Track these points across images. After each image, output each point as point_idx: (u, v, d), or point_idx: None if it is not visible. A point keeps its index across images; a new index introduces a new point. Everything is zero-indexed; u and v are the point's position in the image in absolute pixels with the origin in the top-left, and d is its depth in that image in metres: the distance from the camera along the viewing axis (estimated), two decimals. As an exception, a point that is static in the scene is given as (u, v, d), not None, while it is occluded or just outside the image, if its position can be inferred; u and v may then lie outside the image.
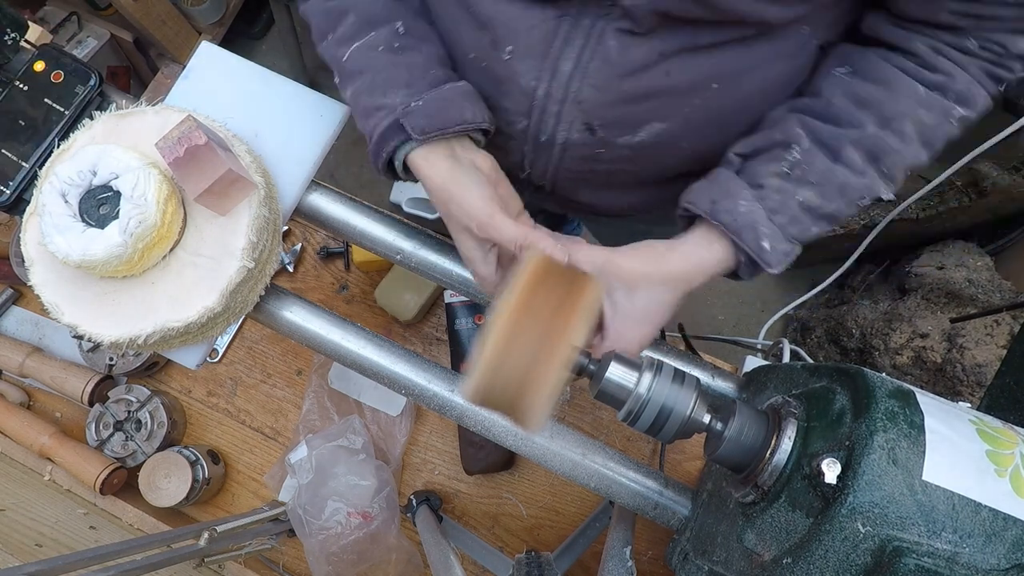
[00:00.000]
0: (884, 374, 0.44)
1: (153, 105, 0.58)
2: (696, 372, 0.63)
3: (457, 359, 0.95)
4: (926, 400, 0.42)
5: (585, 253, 0.49)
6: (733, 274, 0.52)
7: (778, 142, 0.50)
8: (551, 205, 0.70)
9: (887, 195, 0.51)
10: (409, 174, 0.55)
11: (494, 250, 0.53)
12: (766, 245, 0.48)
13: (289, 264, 1.03)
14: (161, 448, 0.93)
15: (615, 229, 0.94)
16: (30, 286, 0.54)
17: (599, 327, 0.52)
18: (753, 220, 0.48)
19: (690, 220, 0.53)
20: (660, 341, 0.65)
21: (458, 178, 0.51)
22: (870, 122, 0.48)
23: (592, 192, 0.64)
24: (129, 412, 0.94)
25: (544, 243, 0.48)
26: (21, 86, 0.60)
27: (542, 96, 0.53)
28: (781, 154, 0.49)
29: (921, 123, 0.49)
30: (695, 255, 0.50)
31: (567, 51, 0.50)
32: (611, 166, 0.58)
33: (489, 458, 0.92)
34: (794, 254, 0.50)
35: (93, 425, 0.93)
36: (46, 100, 0.60)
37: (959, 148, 1.08)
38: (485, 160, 0.54)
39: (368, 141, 0.55)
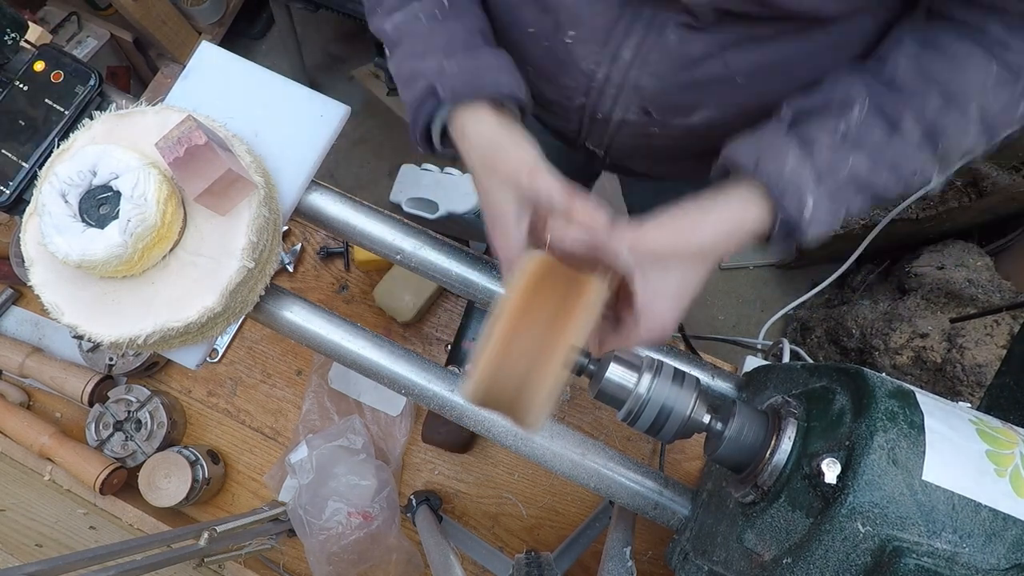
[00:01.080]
0: (884, 374, 0.44)
1: (153, 105, 0.58)
2: (696, 372, 0.63)
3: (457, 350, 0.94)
4: (926, 400, 0.42)
5: (617, 236, 0.46)
6: (763, 239, 0.49)
7: (837, 101, 0.46)
8: (604, 168, 0.72)
9: (936, 181, 0.47)
10: (446, 145, 0.54)
11: (527, 214, 0.50)
12: (807, 212, 0.45)
13: (289, 264, 1.03)
14: (161, 448, 0.93)
15: (644, 186, 0.95)
16: (30, 286, 0.54)
17: (627, 307, 0.49)
18: (799, 182, 0.44)
19: (726, 173, 0.50)
20: (660, 341, 0.65)
21: (509, 131, 0.50)
22: (934, 96, 0.45)
23: (644, 161, 0.66)
24: (129, 412, 0.94)
25: (583, 204, 0.46)
26: (21, 86, 0.60)
27: (601, 79, 0.54)
28: (838, 114, 0.46)
29: (986, 106, 0.45)
30: (729, 220, 0.47)
31: (628, 40, 0.51)
32: (664, 142, 0.59)
33: (450, 436, 0.93)
34: (834, 226, 0.46)
35: (93, 425, 0.93)
36: (46, 100, 0.60)
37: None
38: (528, 135, 0.52)
39: (407, 113, 0.54)
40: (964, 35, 0.46)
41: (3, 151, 0.59)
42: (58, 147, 0.56)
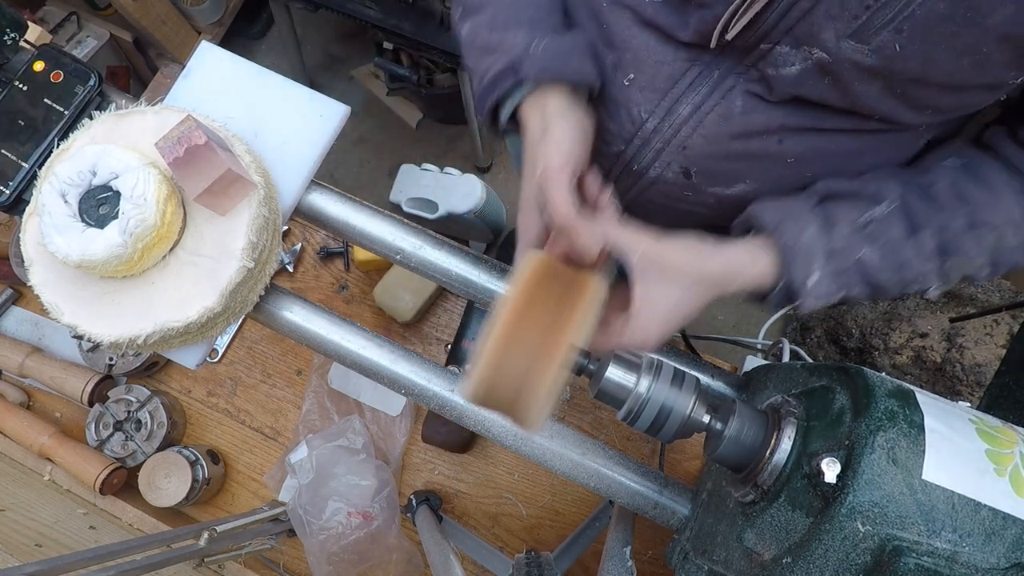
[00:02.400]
0: (884, 374, 0.44)
1: (153, 105, 0.58)
2: (696, 372, 0.63)
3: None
4: (926, 400, 0.42)
5: (625, 237, 0.47)
6: (760, 297, 0.51)
7: (868, 194, 0.49)
8: None
9: (934, 293, 0.50)
10: (511, 125, 0.54)
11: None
12: (810, 282, 0.47)
13: (289, 264, 1.03)
14: (161, 448, 0.93)
15: None
16: (30, 286, 0.54)
17: (617, 309, 0.50)
18: (810, 253, 0.46)
19: (745, 230, 0.52)
20: (660, 341, 0.65)
21: (565, 119, 0.50)
22: (961, 217, 0.47)
23: (661, 223, 0.63)
24: (129, 412, 0.94)
25: (582, 232, 0.46)
26: (21, 86, 0.60)
27: (649, 130, 0.53)
28: (865, 206, 0.48)
29: (1002, 241, 0.48)
30: (738, 262, 0.48)
31: (689, 95, 0.50)
32: (693, 208, 0.58)
33: (450, 436, 0.93)
34: (832, 300, 0.48)
35: (93, 425, 0.93)
36: (46, 100, 0.60)
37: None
38: (590, 121, 0.52)
39: (476, 82, 0.53)
40: (1004, 171, 0.49)
41: (3, 151, 0.59)
42: (58, 147, 0.56)
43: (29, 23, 0.64)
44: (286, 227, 1.05)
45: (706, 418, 0.46)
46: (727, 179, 0.54)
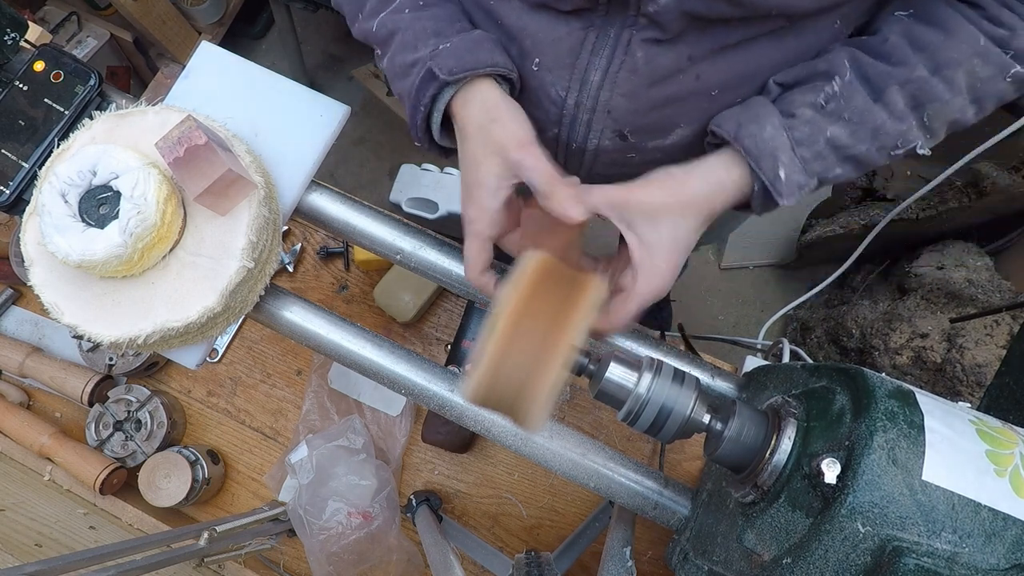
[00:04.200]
0: (884, 374, 0.44)
1: (153, 105, 0.58)
2: (696, 372, 0.63)
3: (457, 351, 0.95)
4: (926, 400, 0.42)
5: (600, 195, 0.48)
6: (746, 206, 0.51)
7: (820, 72, 0.48)
8: None
9: (924, 148, 0.49)
10: (446, 135, 0.54)
11: (507, 187, 0.51)
12: (782, 175, 0.46)
13: (289, 264, 1.03)
14: (161, 448, 0.93)
15: None
16: (30, 286, 0.54)
17: (623, 274, 0.50)
18: (775, 147, 0.46)
19: (716, 147, 0.52)
20: (660, 341, 0.65)
21: (509, 105, 0.50)
22: (921, 65, 0.46)
23: None
24: (129, 412, 0.94)
25: (563, 193, 0.47)
26: (21, 86, 0.60)
27: (572, 106, 0.54)
28: (820, 85, 0.47)
29: (974, 75, 0.46)
30: (713, 176, 0.48)
31: (595, 62, 0.51)
32: (643, 168, 0.58)
33: (450, 436, 0.93)
34: (809, 187, 0.48)
35: (93, 425, 0.93)
36: (46, 100, 0.60)
37: (959, 148, 1.08)
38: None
39: (406, 105, 0.53)
40: (955, 5, 0.47)
41: (3, 151, 0.59)
42: (58, 147, 0.56)
43: (29, 23, 0.64)
44: (286, 227, 1.05)
45: (706, 418, 0.46)
46: (661, 129, 0.54)
